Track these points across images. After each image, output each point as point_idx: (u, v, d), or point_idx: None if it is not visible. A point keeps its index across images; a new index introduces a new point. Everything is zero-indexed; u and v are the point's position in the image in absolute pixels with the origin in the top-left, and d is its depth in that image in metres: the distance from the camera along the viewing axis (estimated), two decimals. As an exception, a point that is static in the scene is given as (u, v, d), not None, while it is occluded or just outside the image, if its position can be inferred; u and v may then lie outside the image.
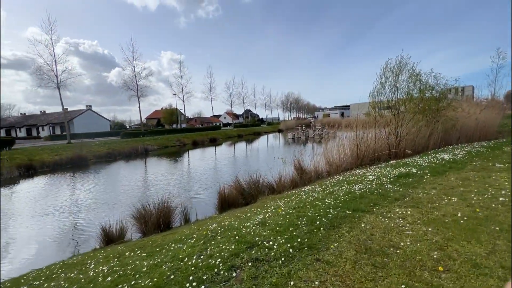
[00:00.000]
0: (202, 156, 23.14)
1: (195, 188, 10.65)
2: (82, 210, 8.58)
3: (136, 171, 16.94)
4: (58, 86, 25.70)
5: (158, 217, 5.60)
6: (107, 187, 12.05)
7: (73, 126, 44.23)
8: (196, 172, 14.58)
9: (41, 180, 14.55)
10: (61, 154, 19.89)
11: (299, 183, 8.61)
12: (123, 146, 25.33)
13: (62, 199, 10.27)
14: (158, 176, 13.73)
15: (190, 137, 36.14)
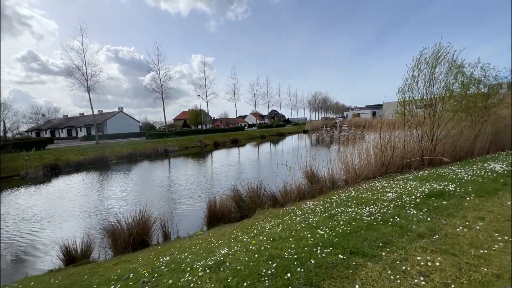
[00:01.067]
0: (218, 158, 22.69)
1: (192, 195, 9.85)
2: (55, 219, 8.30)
3: (148, 172, 16.90)
4: (88, 90, 27.13)
5: (129, 233, 4.88)
6: (105, 192, 11.84)
7: (106, 127, 47.03)
8: (203, 176, 13.99)
9: (58, 181, 15.03)
10: (86, 154, 20.72)
11: (307, 194, 7.41)
12: (145, 147, 25.88)
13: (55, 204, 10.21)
14: (163, 180, 13.36)
15: (212, 139, 36.14)
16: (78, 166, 18.66)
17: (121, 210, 8.21)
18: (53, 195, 11.59)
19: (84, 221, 7.62)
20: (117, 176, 15.92)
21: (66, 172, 17.54)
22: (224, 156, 23.87)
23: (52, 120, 60.17)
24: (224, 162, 19.95)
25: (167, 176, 14.89)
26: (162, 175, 15.54)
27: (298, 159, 9.93)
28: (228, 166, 16.82)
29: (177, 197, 9.52)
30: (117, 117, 49.07)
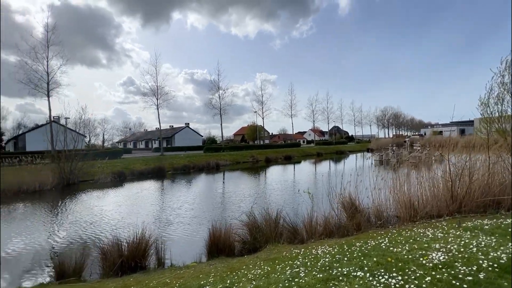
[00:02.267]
0: (261, 175, 22.03)
1: (205, 215, 9.18)
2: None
3: (187, 186, 17.47)
4: (157, 108, 31.00)
5: (120, 255, 4.61)
6: (142, 201, 12.48)
7: (174, 140, 52.74)
8: (236, 194, 13.45)
9: (120, 188, 16.91)
10: (149, 164, 23.14)
11: (336, 230, 5.95)
12: (199, 160, 27.45)
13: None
14: (196, 195, 13.26)
15: (264, 154, 35.98)
16: (140, 175, 20.89)
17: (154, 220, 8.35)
18: (113, 199, 12.99)
19: (108, 228, 8.01)
20: (161, 187, 17.02)
21: (130, 179, 19.81)
22: (270, 173, 23.11)
23: (136, 133, 71.42)
24: (265, 179, 19.22)
25: (197, 191, 15.04)
26: (195, 190, 15.77)
27: (342, 182, 8.44)
28: (264, 184, 16.02)
29: (190, 217, 9.02)
30: (184, 132, 54.57)
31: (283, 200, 10.78)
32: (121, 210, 10.37)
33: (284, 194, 12.14)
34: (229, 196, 13.05)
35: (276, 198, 11.41)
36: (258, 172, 24.32)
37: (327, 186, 7.36)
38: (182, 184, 18.04)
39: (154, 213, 9.65)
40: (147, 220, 8.58)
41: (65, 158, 16.76)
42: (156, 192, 14.92)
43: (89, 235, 7.48)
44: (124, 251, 4.70)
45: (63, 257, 4.53)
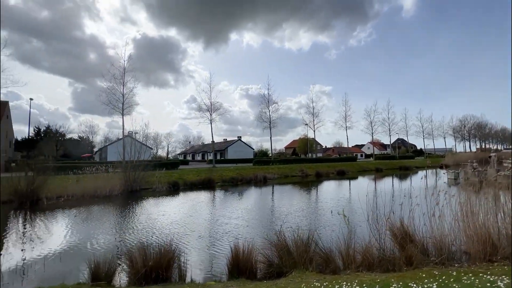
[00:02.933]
0: (308, 190, 20.81)
1: (243, 230, 8.88)
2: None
3: (235, 197, 17.63)
4: (210, 122, 33.19)
5: (144, 264, 4.75)
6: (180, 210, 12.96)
7: (227, 153, 55.29)
8: (274, 209, 12.89)
9: (174, 197, 18.25)
10: (200, 175, 24.58)
11: (378, 262, 4.96)
12: (247, 172, 27.89)
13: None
14: (235, 209, 13.10)
15: (315, 168, 34.40)
16: (191, 185, 22.30)
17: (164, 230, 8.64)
18: (160, 208, 14.12)
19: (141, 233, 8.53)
20: (206, 198, 17.67)
21: (182, 189, 21.32)
22: (316, 189, 21.74)
23: (194, 146, 77.81)
24: (308, 195, 18.08)
25: (238, 204, 14.92)
26: (235, 203, 15.71)
27: (392, 204, 7.23)
28: (305, 201, 15.00)
29: (222, 232, 8.84)
30: (236, 145, 56.85)
31: (318, 220, 9.83)
32: (162, 219, 11.02)
33: (322, 213, 11.10)
34: (266, 211, 12.61)
35: (312, 217, 10.50)
36: (305, 187, 23.24)
37: (373, 207, 6.37)
38: (226, 196, 18.46)
39: (189, 224, 9.91)
40: (180, 231, 8.92)
41: (130, 167, 19.17)
42: (199, 203, 15.53)
43: (131, 240, 8.09)
44: (149, 260, 4.84)
45: (99, 259, 4.90)
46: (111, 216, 12.66)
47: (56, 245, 7.78)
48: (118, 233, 9.16)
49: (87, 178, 18.47)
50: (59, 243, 8.03)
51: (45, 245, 7.91)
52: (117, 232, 9.25)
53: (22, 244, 8.22)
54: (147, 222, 10.58)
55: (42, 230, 10.02)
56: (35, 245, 7.99)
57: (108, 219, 11.99)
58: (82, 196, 16.39)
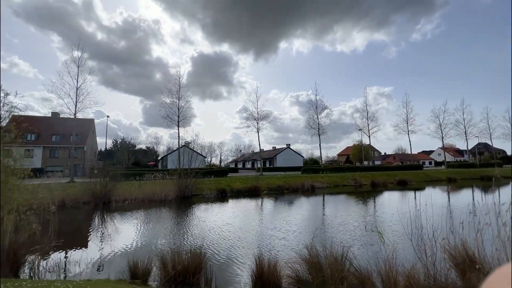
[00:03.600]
0: (358, 201, 18.91)
1: (274, 242, 8.43)
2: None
3: (278, 206, 17.22)
4: (257, 131, 33.82)
5: (174, 267, 4.97)
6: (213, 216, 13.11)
7: (276, 161, 55.21)
8: (315, 220, 11.98)
9: (220, 204, 18.98)
10: (247, 183, 25.06)
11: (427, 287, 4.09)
12: (294, 181, 27.23)
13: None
14: (274, 218, 12.70)
15: (370, 177, 31.44)
16: (238, 193, 22.88)
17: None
18: (210, 213, 14.84)
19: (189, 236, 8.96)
20: (249, 206, 17.72)
21: (229, 196, 22.04)
22: (370, 200, 19.65)
23: (245, 154, 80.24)
24: (356, 207, 16.38)
25: (278, 214, 14.39)
26: (276, 212, 15.22)
27: (452, 222, 6.02)
28: (351, 213, 13.57)
29: (254, 241, 8.62)
30: (285, 153, 56.37)
31: (355, 235, 8.70)
32: (202, 225, 11.48)
33: (361, 228, 9.83)
34: (305, 222, 11.71)
35: (350, 231, 9.37)
36: (355, 197, 21.36)
37: (422, 224, 5.39)
38: (268, 205, 18.23)
39: (224, 232, 10.02)
40: (213, 238, 9.13)
41: (184, 175, 20.84)
42: (239, 211, 15.68)
43: (167, 243, 8.64)
44: (178, 264, 5.05)
45: (137, 259, 5.35)
46: (162, 219, 13.86)
47: (120, 242, 8.90)
48: (161, 235, 9.95)
49: (147, 184, 20.77)
50: (123, 241, 9.16)
51: (113, 242, 9.12)
52: (160, 234, 10.05)
53: (98, 241, 9.67)
54: (187, 226, 11.24)
55: (111, 229, 11.62)
56: (105, 242, 9.32)
57: (159, 221, 13.18)
58: (142, 200, 18.48)
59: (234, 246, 8.13)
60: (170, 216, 14.92)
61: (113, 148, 68.43)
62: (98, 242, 9.48)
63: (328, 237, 8.14)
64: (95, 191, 17.31)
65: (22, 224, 6.41)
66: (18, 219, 6.36)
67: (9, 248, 5.59)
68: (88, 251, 8.16)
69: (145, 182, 21.75)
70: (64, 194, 17.21)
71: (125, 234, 10.43)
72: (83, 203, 17.18)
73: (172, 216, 14.73)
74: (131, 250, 8.03)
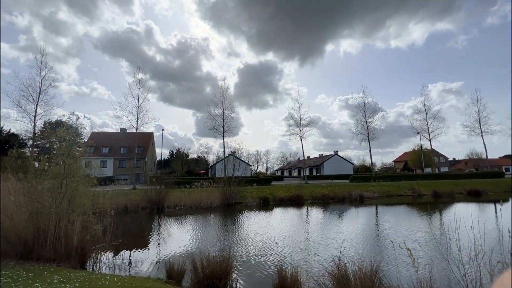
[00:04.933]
0: (410, 215, 16.70)
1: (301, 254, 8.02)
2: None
3: (316, 216, 16.45)
4: (300, 139, 33.26)
5: (202, 271, 5.31)
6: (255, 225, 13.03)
7: (323, 168, 53.13)
8: (348, 237, 11.00)
9: (261, 212, 19.18)
10: (290, 192, 24.78)
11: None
12: (341, 190, 25.81)
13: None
14: (306, 231, 12.13)
15: (432, 186, 27.76)
16: (280, 201, 22.75)
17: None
18: (248, 220, 15.21)
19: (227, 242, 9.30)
20: (288, 215, 17.36)
21: (272, 204, 22.09)
22: (427, 214, 17.21)
23: (291, 162, 79.37)
24: (406, 220, 14.44)
25: (312, 225, 13.66)
26: (311, 224, 14.36)
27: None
28: (395, 227, 12.00)
29: (284, 251, 8.37)
30: (332, 160, 53.85)
31: (387, 251, 7.71)
32: (239, 233, 11.80)
33: (396, 244, 8.67)
34: (340, 235, 10.69)
35: (383, 247, 8.35)
36: (410, 209, 19.08)
37: (472, 244, 4.62)
38: (308, 215, 17.51)
39: (254, 242, 10.06)
40: (243, 245, 9.28)
41: (228, 183, 21.81)
42: (277, 220, 15.44)
43: (207, 245, 9.13)
44: (206, 268, 5.39)
45: (173, 261, 5.90)
46: (206, 224, 14.72)
47: (168, 245, 9.92)
48: (201, 239, 10.60)
49: (195, 191, 22.35)
50: (170, 244, 10.17)
51: (161, 244, 10.18)
52: (201, 238, 10.71)
53: (148, 242, 10.92)
54: (226, 232, 11.71)
55: (163, 232, 12.94)
56: (154, 243, 10.48)
57: (204, 226, 14.05)
58: (191, 206, 19.96)
59: (263, 255, 8.21)
60: (214, 222, 15.76)
61: (170, 157, 75.49)
62: (148, 243, 10.63)
63: (359, 251, 7.52)
64: (151, 197, 19.42)
65: (89, 225, 7.67)
66: (86, 220, 7.65)
67: (77, 245, 6.77)
68: (139, 251, 9.24)
69: (193, 189, 23.45)
70: (127, 199, 19.78)
71: (174, 237, 11.46)
72: (142, 208, 19.42)
73: (215, 222, 15.54)
74: (175, 252, 8.79)
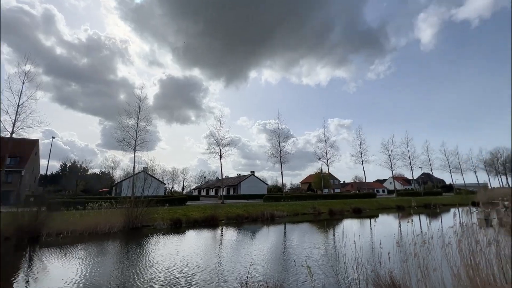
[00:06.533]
0: (309, 231, 19.19)
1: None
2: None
3: (227, 237, 16.65)
4: (220, 158, 33.44)
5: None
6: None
7: (240, 188, 54.46)
8: (259, 254, 11.77)
9: (172, 235, 17.66)
10: (205, 212, 23.98)
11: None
12: (255, 209, 26.84)
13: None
14: (217, 252, 12.26)
15: (328, 205, 32.50)
16: (194, 223, 21.65)
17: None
18: (152, 247, 13.58)
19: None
20: (199, 237, 16.85)
21: (185, 226, 20.71)
22: (318, 230, 20.08)
23: (209, 181, 77.92)
24: (307, 237, 16.59)
25: (222, 246, 13.92)
26: (221, 244, 14.66)
27: (381, 252, 6.31)
28: (300, 245, 13.67)
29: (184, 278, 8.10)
30: (249, 180, 56.10)
31: (286, 270, 8.53)
32: (137, 263, 10.49)
33: (297, 262, 9.76)
34: (248, 257, 10.93)
35: (287, 266, 9.15)
36: (311, 227, 21.68)
37: (354, 257, 5.55)
38: (219, 237, 17.17)
39: (165, 269, 9.25)
40: (150, 276, 8.33)
41: (134, 203, 19.20)
42: (184, 244, 14.39)
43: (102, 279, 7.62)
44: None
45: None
46: (100, 255, 12.21)
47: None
48: (88, 274, 8.75)
49: (91, 214, 18.63)
50: (50, 284, 7.79)
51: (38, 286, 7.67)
52: (93, 275, 8.84)
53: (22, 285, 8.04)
54: (126, 262, 10.11)
55: (40, 268, 9.85)
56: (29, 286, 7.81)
57: (96, 257, 11.58)
58: (82, 232, 16.35)
59: (169, 284, 7.45)
60: (112, 250, 13.33)
61: (61, 172, 61.56)
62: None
63: (266, 271, 7.84)
64: (22, 223, 14.89)
65: None
66: None
67: None
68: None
69: (89, 211, 19.50)
70: (-19, 227, 14.46)
71: (51, 276, 8.90)
72: (6, 238, 14.56)
73: (113, 251, 13.17)
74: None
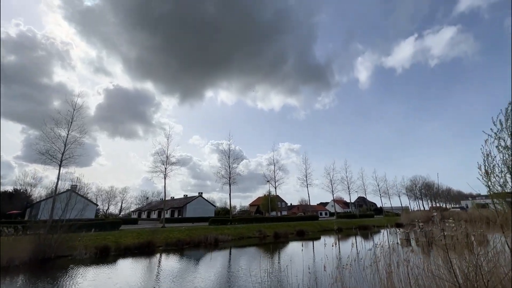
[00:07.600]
0: (250, 258, 18.82)
1: None
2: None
3: (161, 268, 15.20)
4: (164, 177, 31.32)
5: None
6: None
7: (185, 210, 51.23)
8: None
9: (92, 267, 15.17)
10: (141, 238, 21.53)
11: None
12: (198, 234, 25.28)
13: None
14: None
15: (274, 228, 32.69)
16: (126, 250, 19.13)
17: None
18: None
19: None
20: (125, 269, 14.97)
21: (113, 255, 18.04)
22: (261, 256, 19.95)
23: (152, 203, 71.51)
24: (240, 267, 16.29)
25: (150, 279, 12.73)
26: (149, 279, 13.46)
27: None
28: (236, 273, 13.31)
29: None
30: (196, 202, 53.41)
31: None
32: None
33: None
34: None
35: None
36: (254, 252, 21.29)
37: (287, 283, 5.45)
38: (159, 266, 15.38)
39: None
40: None
41: (47, 229, 16.05)
42: (111, 279, 12.41)
43: None
44: None
45: None
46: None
47: None
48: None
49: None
50: None
51: None
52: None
53: None
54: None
55: None
56: None
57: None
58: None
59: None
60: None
61: (-47, 188, 49.24)
62: None
63: None
64: None
65: None
66: None
67: None
68: None
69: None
70: None
71: None
72: None
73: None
74: None
